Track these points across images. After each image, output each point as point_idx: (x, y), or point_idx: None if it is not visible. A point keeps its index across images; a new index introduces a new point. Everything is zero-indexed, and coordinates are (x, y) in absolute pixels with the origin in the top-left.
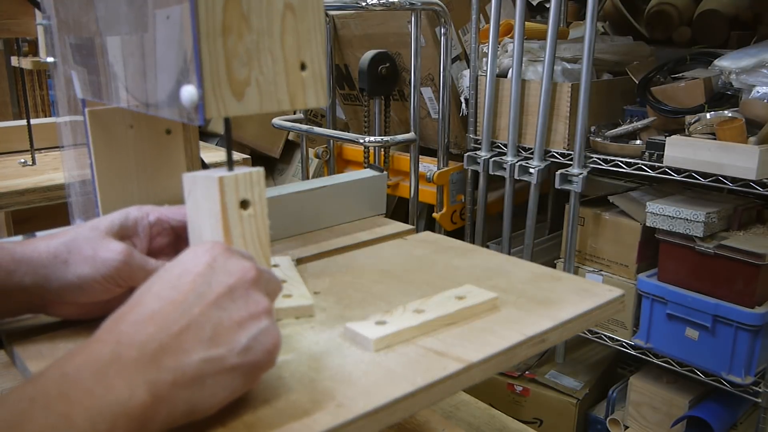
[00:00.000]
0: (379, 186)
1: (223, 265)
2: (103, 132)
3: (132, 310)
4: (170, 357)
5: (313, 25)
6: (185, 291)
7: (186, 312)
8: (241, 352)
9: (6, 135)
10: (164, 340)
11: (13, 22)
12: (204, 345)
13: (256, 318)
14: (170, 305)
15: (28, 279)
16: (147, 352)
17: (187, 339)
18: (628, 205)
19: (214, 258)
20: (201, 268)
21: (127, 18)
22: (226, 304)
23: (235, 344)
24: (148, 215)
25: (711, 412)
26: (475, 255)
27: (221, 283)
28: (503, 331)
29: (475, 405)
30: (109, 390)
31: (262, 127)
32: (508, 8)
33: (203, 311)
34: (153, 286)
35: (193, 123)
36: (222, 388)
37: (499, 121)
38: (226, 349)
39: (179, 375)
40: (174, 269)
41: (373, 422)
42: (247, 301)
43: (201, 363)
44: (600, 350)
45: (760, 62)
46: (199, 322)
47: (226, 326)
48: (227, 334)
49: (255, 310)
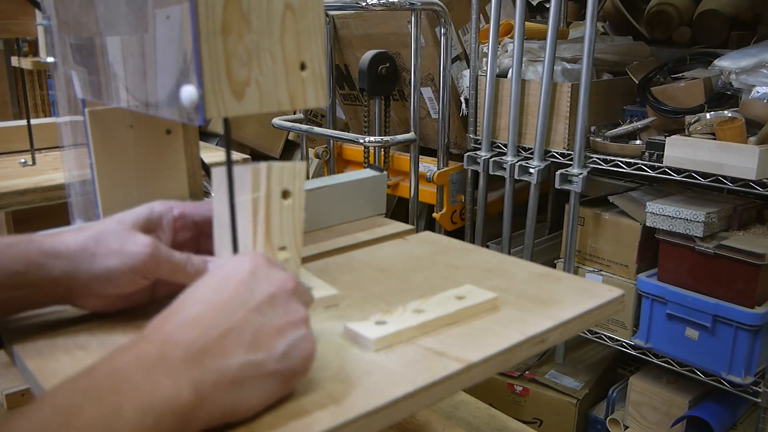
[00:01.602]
0: (379, 186)
1: (265, 273)
2: (103, 132)
3: (177, 312)
4: (213, 359)
5: (313, 25)
6: (228, 296)
7: (228, 316)
8: (280, 357)
9: (6, 135)
10: (207, 342)
11: (13, 22)
12: (245, 349)
13: (295, 326)
14: (213, 309)
15: (56, 271)
16: (191, 352)
17: (228, 342)
18: (628, 205)
19: (256, 266)
20: (244, 275)
21: (127, 18)
22: (267, 311)
23: (275, 350)
24: (172, 209)
25: (711, 412)
26: (475, 255)
27: (263, 290)
28: (503, 331)
29: (475, 405)
30: (156, 387)
31: (262, 127)
32: (508, 8)
33: (245, 316)
34: (197, 291)
35: (193, 123)
36: (260, 391)
37: (499, 121)
38: (266, 354)
39: (221, 376)
40: (218, 275)
41: (373, 422)
42: (286, 309)
43: (241, 366)
44: (600, 350)
45: (760, 62)
46: (241, 327)
47: (266, 332)
48: (267, 339)
49: (293, 318)
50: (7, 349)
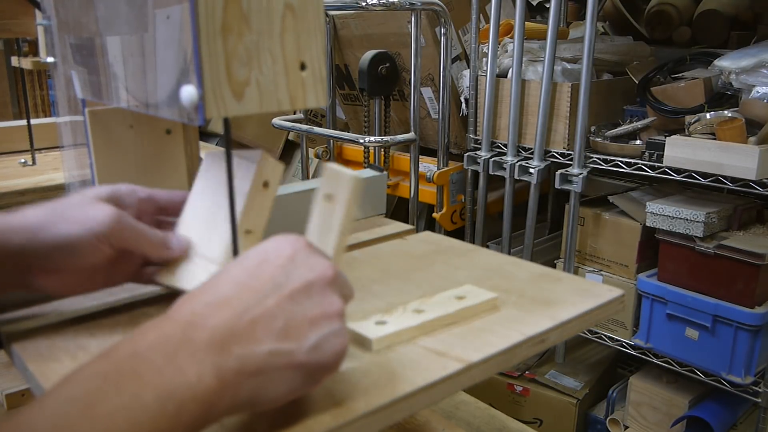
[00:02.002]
0: (379, 186)
1: (305, 260)
2: (103, 132)
3: (206, 291)
4: (240, 344)
5: (313, 25)
6: (264, 280)
7: (261, 301)
8: (310, 349)
9: (6, 135)
10: (236, 326)
11: (13, 22)
12: (274, 337)
13: (329, 318)
14: (247, 292)
15: (14, 245)
16: (217, 336)
17: (258, 328)
18: (628, 205)
19: (296, 251)
20: (282, 260)
21: (127, 18)
22: (302, 299)
23: (305, 341)
24: (137, 191)
25: (711, 412)
26: (475, 255)
27: (300, 277)
28: (503, 331)
29: (475, 405)
30: (178, 371)
31: (262, 127)
32: (508, 8)
33: (278, 303)
34: (231, 271)
35: (193, 123)
36: (285, 383)
37: (499, 121)
38: (296, 345)
39: (246, 363)
40: (254, 257)
41: (373, 422)
42: (323, 299)
43: (269, 355)
44: (600, 350)
45: (760, 62)
46: (273, 314)
47: (299, 321)
48: (298, 329)
49: (329, 309)
50: (7, 350)
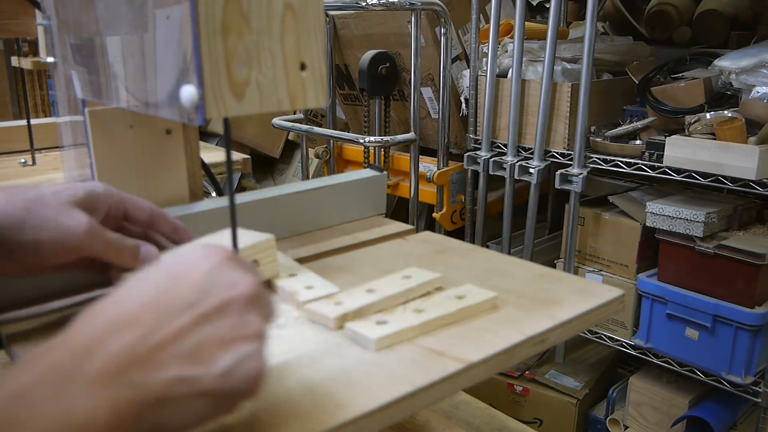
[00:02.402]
0: (379, 186)
1: (225, 275)
2: (103, 132)
3: (110, 308)
4: (140, 371)
5: (313, 25)
6: (175, 297)
7: (170, 321)
8: (221, 375)
9: (6, 135)
10: (137, 350)
11: (13, 22)
12: (180, 361)
13: (245, 340)
14: (154, 310)
15: None
16: (115, 363)
17: (163, 352)
18: (628, 205)
19: (215, 265)
20: (199, 274)
21: (127, 18)
22: (217, 320)
23: (215, 366)
24: (113, 194)
25: (711, 412)
26: (475, 255)
27: (217, 295)
28: (503, 331)
29: (475, 405)
30: (67, 411)
31: (262, 127)
32: (508, 8)
33: (190, 324)
34: (140, 284)
35: (193, 123)
36: (193, 411)
37: (499, 121)
38: (204, 370)
39: (147, 392)
40: (168, 269)
41: (373, 422)
42: (240, 320)
43: (172, 382)
44: (600, 350)
45: (760, 62)
46: (183, 335)
47: (210, 344)
48: (209, 352)
49: (246, 331)
50: (6, 350)
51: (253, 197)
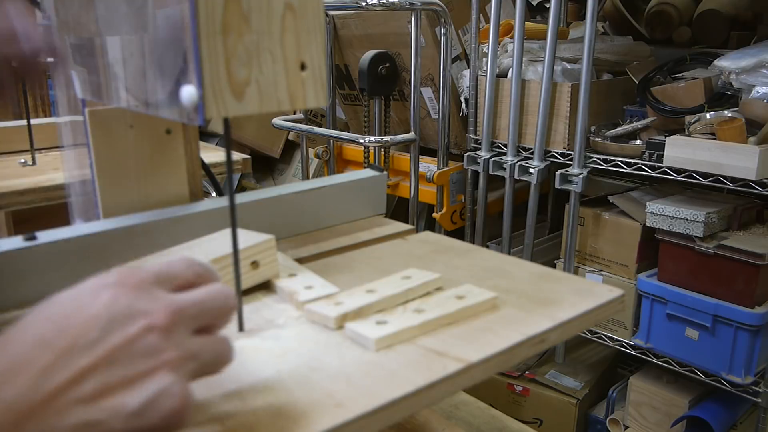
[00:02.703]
0: (379, 186)
1: (127, 307)
2: (103, 132)
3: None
4: (37, 421)
5: (313, 25)
6: (73, 336)
7: (68, 364)
8: (130, 416)
9: (6, 135)
10: (32, 398)
11: None
12: (83, 405)
13: (157, 375)
14: (49, 352)
15: None
16: (9, 415)
17: (62, 398)
18: (628, 205)
19: (116, 298)
20: (98, 308)
21: (127, 18)
22: (123, 358)
23: (123, 408)
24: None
25: (711, 412)
26: (475, 255)
27: (122, 330)
28: (503, 331)
29: (475, 405)
30: None
31: (262, 127)
32: (508, 8)
33: (92, 364)
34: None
35: (193, 123)
36: None
37: (499, 121)
38: (110, 413)
39: None
40: (64, 304)
41: (373, 422)
42: (150, 354)
43: (76, 428)
44: (600, 350)
45: (760, 62)
46: (84, 377)
47: (117, 383)
48: (115, 394)
49: (156, 364)
50: None
51: (253, 197)
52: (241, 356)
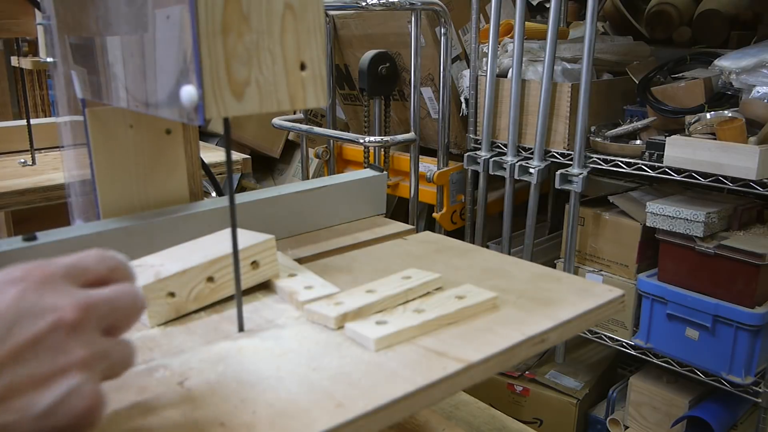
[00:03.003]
0: (379, 186)
1: (34, 304)
2: (103, 132)
3: None
4: None
5: (313, 25)
6: None
7: None
8: (39, 417)
9: (6, 135)
10: None
11: (13, 22)
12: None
13: (66, 374)
14: None
15: None
16: None
17: None
18: (628, 205)
19: (22, 293)
20: (3, 305)
21: (127, 18)
22: (28, 357)
23: (31, 408)
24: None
25: (711, 412)
26: (475, 255)
27: (28, 327)
28: (503, 331)
29: (475, 405)
30: None
31: (262, 127)
32: (508, 8)
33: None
34: None
35: (192, 123)
36: None
37: (499, 121)
38: (18, 415)
39: None
40: None
41: (373, 422)
42: (57, 352)
43: None
44: (600, 350)
45: (760, 62)
46: None
47: (23, 384)
48: (22, 394)
49: (64, 363)
50: None
51: (253, 197)
52: (241, 356)
